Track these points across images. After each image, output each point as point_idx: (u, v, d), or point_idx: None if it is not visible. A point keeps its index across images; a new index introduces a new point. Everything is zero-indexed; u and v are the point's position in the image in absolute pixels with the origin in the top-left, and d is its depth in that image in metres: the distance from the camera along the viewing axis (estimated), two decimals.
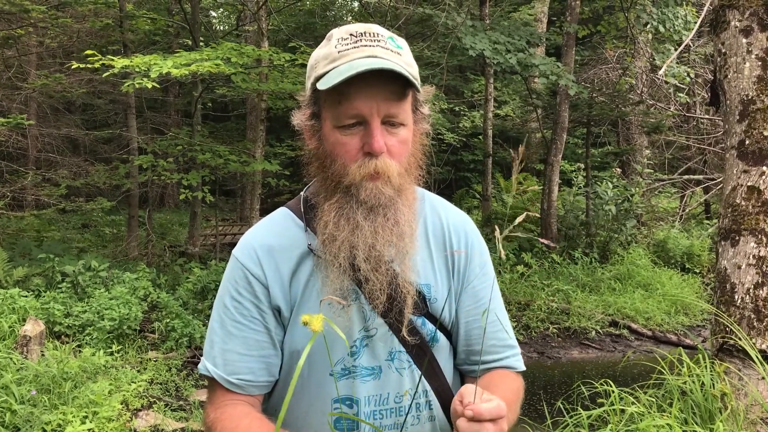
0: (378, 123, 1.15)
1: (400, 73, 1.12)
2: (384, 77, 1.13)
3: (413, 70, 1.21)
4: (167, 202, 17.75)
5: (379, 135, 1.15)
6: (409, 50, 1.25)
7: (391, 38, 1.22)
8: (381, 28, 1.23)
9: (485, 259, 1.37)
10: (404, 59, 1.19)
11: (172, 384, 6.08)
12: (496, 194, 14.09)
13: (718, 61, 3.57)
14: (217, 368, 1.25)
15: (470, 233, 1.36)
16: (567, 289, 9.33)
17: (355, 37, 1.18)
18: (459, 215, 1.38)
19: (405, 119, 1.19)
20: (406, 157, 1.20)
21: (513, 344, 1.38)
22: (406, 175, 1.21)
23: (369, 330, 1.24)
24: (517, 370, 1.37)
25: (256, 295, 1.25)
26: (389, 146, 1.17)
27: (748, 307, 3.19)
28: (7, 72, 10.43)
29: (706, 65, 12.11)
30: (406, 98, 1.18)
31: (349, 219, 1.17)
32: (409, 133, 1.21)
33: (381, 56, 1.15)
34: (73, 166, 11.09)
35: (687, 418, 2.85)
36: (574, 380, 3.83)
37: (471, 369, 1.36)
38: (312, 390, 1.27)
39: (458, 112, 15.33)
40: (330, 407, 1.26)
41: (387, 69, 1.11)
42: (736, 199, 3.33)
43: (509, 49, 8.31)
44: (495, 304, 1.36)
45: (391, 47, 1.19)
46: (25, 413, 4.41)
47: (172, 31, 12.26)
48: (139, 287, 7.26)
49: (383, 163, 1.15)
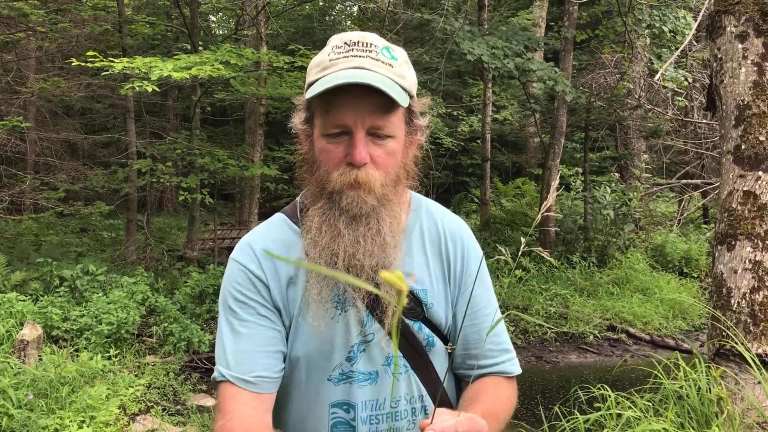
0: (362, 135, 1.15)
1: (380, 89, 1.11)
2: (370, 90, 1.13)
3: (406, 81, 1.20)
4: (166, 206, 17.74)
5: (361, 146, 1.15)
6: (406, 60, 1.25)
7: (386, 48, 1.21)
8: (377, 38, 1.23)
9: (481, 265, 1.37)
10: (396, 71, 1.19)
11: (169, 388, 6.08)
12: (495, 198, 14.10)
13: (714, 66, 3.58)
14: (230, 370, 1.22)
15: (466, 239, 1.37)
16: (565, 293, 9.34)
17: (348, 46, 1.19)
18: (455, 221, 1.39)
19: (393, 131, 1.18)
20: (393, 169, 1.20)
21: (509, 348, 1.38)
22: (393, 186, 1.20)
23: (366, 335, 1.25)
24: (512, 375, 1.38)
25: (260, 293, 1.25)
26: (374, 157, 1.17)
27: (744, 312, 3.20)
28: (6, 76, 10.44)
29: (704, 70, 12.15)
30: (393, 111, 1.17)
31: (330, 225, 1.18)
32: (398, 144, 1.21)
33: (368, 68, 1.16)
34: (72, 170, 11.10)
35: (683, 423, 2.85)
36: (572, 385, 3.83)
37: (468, 373, 1.36)
38: (310, 395, 1.28)
39: (456, 116, 15.35)
40: (327, 412, 1.27)
41: (364, 84, 1.11)
42: (732, 203, 3.34)
43: (507, 54, 8.33)
44: (491, 309, 1.37)
45: (382, 58, 1.18)
46: (23, 418, 4.40)
47: (171, 36, 12.29)
48: (137, 291, 7.26)
49: (365, 173, 1.15)
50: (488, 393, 1.30)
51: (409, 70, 1.24)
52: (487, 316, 1.35)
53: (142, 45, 12.24)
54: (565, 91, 8.62)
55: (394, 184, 1.21)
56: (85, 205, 11.51)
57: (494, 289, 1.43)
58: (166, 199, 17.60)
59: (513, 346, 1.42)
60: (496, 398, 1.29)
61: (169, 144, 9.75)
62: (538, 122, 13.47)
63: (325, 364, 1.25)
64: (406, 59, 1.25)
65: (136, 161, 9.45)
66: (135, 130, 10.84)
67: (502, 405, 1.29)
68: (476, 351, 1.33)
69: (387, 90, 1.12)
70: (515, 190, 14.95)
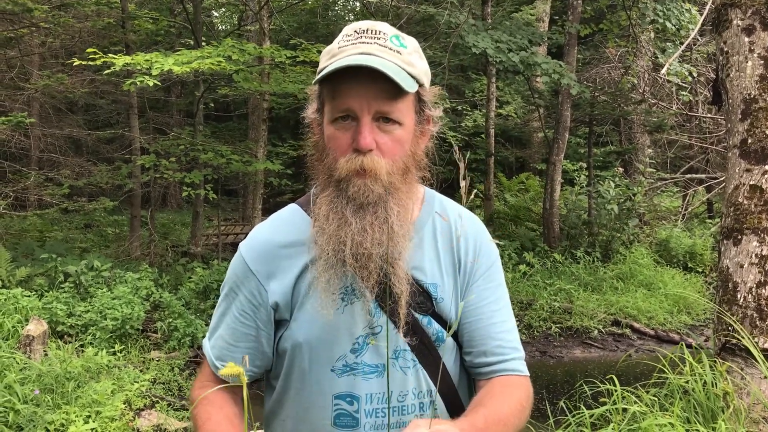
0: (368, 119, 1.15)
1: (383, 72, 1.12)
2: (376, 75, 1.13)
3: (414, 69, 1.20)
4: (169, 202, 17.76)
5: (367, 132, 1.14)
6: (417, 49, 1.24)
7: (396, 36, 1.22)
8: (387, 26, 1.23)
9: (492, 261, 1.35)
10: (404, 58, 1.19)
11: (174, 384, 6.09)
12: (498, 194, 14.07)
13: (720, 59, 3.56)
14: (211, 350, 1.34)
15: (479, 236, 1.35)
16: (569, 288, 9.32)
17: (357, 34, 1.19)
18: (469, 218, 1.38)
19: (400, 118, 1.18)
20: (401, 156, 1.19)
21: (518, 347, 1.35)
22: (401, 174, 1.19)
23: (374, 327, 1.25)
24: (522, 374, 1.33)
25: (251, 291, 1.28)
26: (380, 144, 1.16)
27: (750, 306, 3.19)
28: (10, 72, 10.45)
29: (709, 64, 12.09)
30: (400, 97, 1.17)
31: (338, 213, 1.18)
32: (407, 132, 1.20)
33: (375, 53, 1.16)
34: (76, 166, 11.11)
35: (689, 417, 2.85)
36: (577, 379, 3.83)
37: (477, 371, 1.33)
38: (312, 385, 1.27)
39: (460, 111, 15.31)
40: (330, 403, 1.27)
41: (366, 66, 1.11)
42: (739, 198, 3.32)
43: (511, 48, 8.30)
44: (500, 305, 1.34)
45: (391, 45, 1.19)
46: (29, 413, 4.42)
47: (174, 32, 12.27)
48: (141, 287, 7.27)
49: (370, 160, 1.15)
50: (495, 396, 1.26)
51: (420, 59, 1.23)
52: (494, 312, 1.32)
53: (146, 41, 12.22)
54: (570, 85, 8.58)
55: (402, 173, 1.20)
56: (89, 201, 11.51)
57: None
58: (170, 195, 17.62)
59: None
60: (503, 402, 1.25)
61: (172, 140, 9.75)
62: (542, 117, 13.42)
63: (328, 353, 1.25)
64: (416, 48, 1.25)
65: (139, 157, 9.46)
66: (138, 126, 10.85)
67: (510, 409, 1.24)
68: (483, 348, 1.30)
69: (391, 74, 1.12)
70: (519, 185, 14.92)
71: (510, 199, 13.97)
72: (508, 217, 12.91)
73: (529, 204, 13.64)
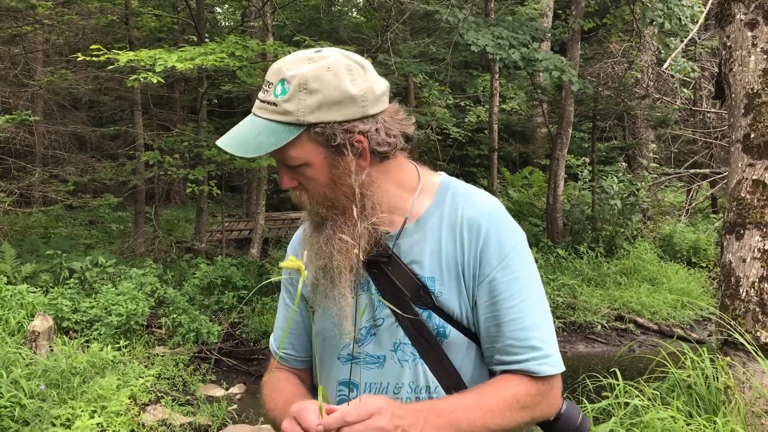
0: (281, 165, 1.27)
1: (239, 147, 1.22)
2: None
3: (290, 116, 1.17)
4: (173, 198, 17.79)
5: (282, 175, 1.28)
6: (308, 82, 1.16)
7: (282, 82, 1.19)
8: (283, 68, 1.20)
9: (506, 252, 1.27)
10: (279, 108, 1.18)
11: (179, 379, 6.13)
12: (502, 189, 14.07)
13: (723, 54, 3.56)
14: (273, 340, 1.52)
15: (485, 226, 1.29)
16: (573, 283, 9.32)
17: (266, 83, 1.24)
18: (479, 207, 1.31)
19: (301, 160, 1.21)
20: (319, 190, 1.24)
21: (537, 346, 1.25)
22: (328, 203, 1.25)
23: (376, 319, 1.30)
24: (538, 375, 1.26)
25: (291, 281, 1.45)
26: (300, 181, 1.26)
27: (753, 301, 3.19)
28: (14, 69, 10.48)
29: (713, 59, 12.05)
30: (286, 147, 1.19)
31: (306, 230, 1.36)
32: (316, 168, 1.22)
33: (246, 124, 1.23)
34: (80, 162, 11.15)
35: (691, 411, 2.86)
36: (580, 374, 3.83)
37: (492, 369, 1.31)
38: (324, 371, 1.38)
39: (463, 107, 15.29)
40: (336, 389, 1.36)
41: (225, 150, 1.24)
42: (741, 192, 3.33)
43: (513, 45, 8.26)
44: (518, 300, 1.26)
45: (270, 99, 1.20)
46: (35, 408, 4.46)
47: (178, 28, 12.27)
48: (146, 283, 7.31)
49: (294, 195, 1.30)
50: (483, 387, 1.25)
51: (308, 95, 1.17)
52: (509, 309, 1.26)
53: (149, 37, 12.22)
54: (571, 81, 8.55)
55: (327, 203, 1.26)
56: (93, 197, 11.52)
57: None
58: (174, 191, 17.64)
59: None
60: (490, 393, 1.23)
61: (176, 136, 9.77)
62: (545, 112, 13.41)
63: (335, 343, 1.35)
64: (311, 78, 1.17)
65: (143, 153, 9.48)
66: (142, 123, 10.88)
67: (498, 401, 1.21)
68: (498, 345, 1.27)
69: (239, 153, 1.21)
70: (522, 181, 14.91)
71: (513, 194, 13.97)
72: (512, 212, 12.80)
73: (533, 199, 13.63)
